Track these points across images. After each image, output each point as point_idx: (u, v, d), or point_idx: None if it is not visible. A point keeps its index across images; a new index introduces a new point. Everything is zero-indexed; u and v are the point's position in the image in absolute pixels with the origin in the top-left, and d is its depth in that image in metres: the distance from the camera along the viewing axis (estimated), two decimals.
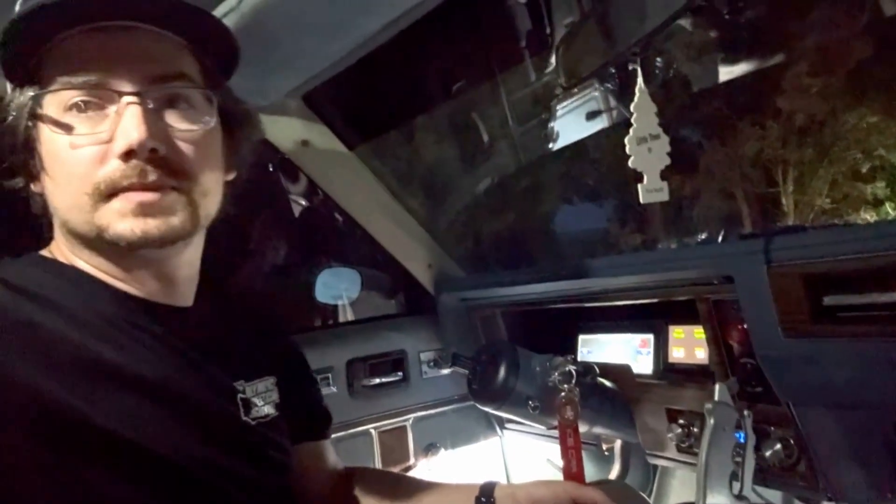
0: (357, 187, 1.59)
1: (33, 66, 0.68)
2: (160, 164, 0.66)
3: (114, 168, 0.65)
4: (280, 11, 0.87)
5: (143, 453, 0.65)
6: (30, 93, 0.67)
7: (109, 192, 0.66)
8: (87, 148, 0.66)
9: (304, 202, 1.93)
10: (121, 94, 0.65)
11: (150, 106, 0.66)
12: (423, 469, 1.64)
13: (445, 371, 1.61)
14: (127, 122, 0.65)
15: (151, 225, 0.66)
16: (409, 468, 1.63)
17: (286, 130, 1.41)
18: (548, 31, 1.74)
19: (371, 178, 1.60)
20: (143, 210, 0.66)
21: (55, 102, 0.66)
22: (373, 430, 1.58)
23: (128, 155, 0.65)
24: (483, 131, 2.05)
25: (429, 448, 1.66)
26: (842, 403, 0.99)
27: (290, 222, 1.97)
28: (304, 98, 1.37)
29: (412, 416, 1.65)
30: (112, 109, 0.66)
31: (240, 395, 0.79)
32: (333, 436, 1.49)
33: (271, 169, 1.84)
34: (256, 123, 0.83)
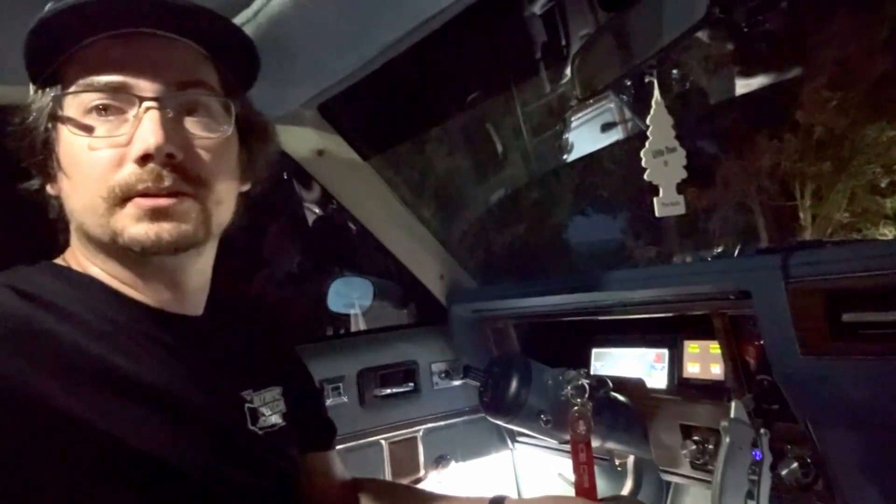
0: (371, 197, 1.60)
1: (56, 68, 0.68)
2: (176, 170, 0.67)
3: (130, 172, 0.66)
4: (297, 23, 0.87)
5: (150, 462, 0.65)
6: (51, 94, 0.68)
7: (124, 196, 0.66)
8: (104, 150, 0.66)
9: (317, 211, 1.93)
10: (141, 98, 0.66)
11: (169, 113, 0.67)
12: (433, 481, 1.63)
13: (457, 382, 1.61)
14: (145, 126, 0.65)
15: (165, 230, 0.66)
16: (418, 480, 1.62)
17: (301, 140, 1.41)
18: (563, 42, 1.74)
19: (385, 189, 1.61)
20: (157, 215, 0.66)
21: (76, 104, 0.67)
22: (383, 441, 1.57)
23: (144, 159, 0.65)
24: (497, 142, 2.05)
25: (439, 460, 1.65)
26: (861, 423, 0.97)
27: (303, 231, 1.97)
28: (319, 108, 1.38)
29: (423, 427, 1.64)
30: (132, 114, 0.66)
31: (247, 405, 0.79)
32: (343, 446, 1.50)
33: (285, 178, 1.85)
34: (273, 135, 0.83)
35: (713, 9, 0.64)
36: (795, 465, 1.06)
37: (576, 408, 1.10)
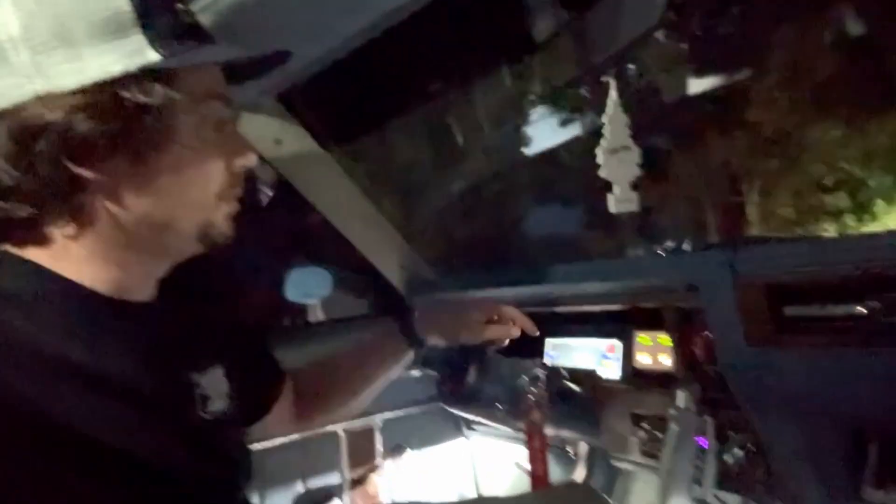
0: (331, 187, 1.59)
1: None
2: None
3: None
4: (258, 11, 0.86)
5: (104, 451, 0.64)
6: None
7: None
8: None
9: (276, 200, 1.91)
10: None
11: None
12: (390, 470, 1.64)
13: (415, 373, 1.62)
14: None
15: None
16: (375, 469, 1.63)
17: (259, 129, 1.40)
18: (525, 36, 1.76)
19: (345, 179, 1.60)
20: None
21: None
22: (340, 432, 1.58)
23: None
24: (458, 134, 2.05)
25: (395, 449, 1.66)
26: (800, 411, 1.02)
27: (260, 219, 1.95)
28: (278, 97, 1.36)
29: (380, 417, 1.65)
30: None
31: (198, 391, 0.79)
32: (300, 436, 1.50)
33: None
34: None
35: (668, 13, 0.66)
36: (739, 451, 1.12)
37: (531, 397, 1.13)
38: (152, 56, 0.61)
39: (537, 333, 1.12)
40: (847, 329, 0.88)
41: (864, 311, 0.86)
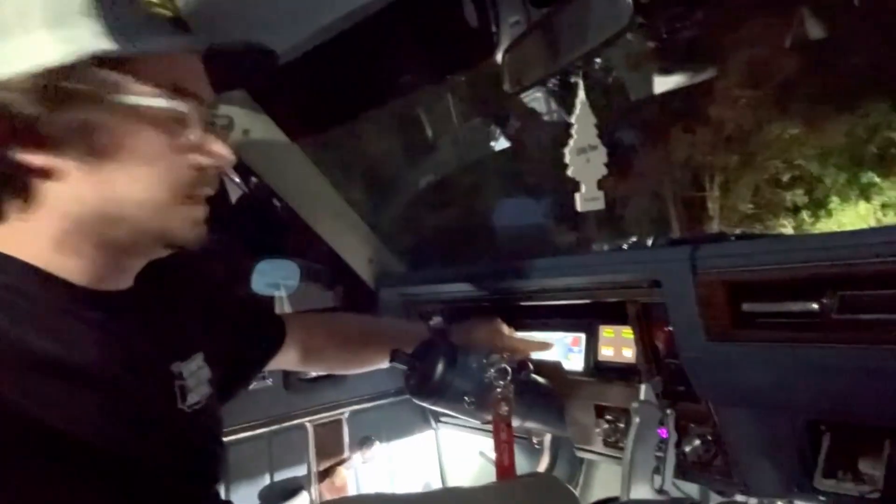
0: (299, 179, 1.58)
1: None
2: None
3: None
4: (226, 2, 0.85)
5: (78, 446, 0.63)
6: None
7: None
8: None
9: (244, 191, 1.88)
10: None
11: None
12: (358, 462, 1.65)
13: (384, 365, 1.62)
14: None
15: None
16: (343, 461, 1.63)
17: None
18: (494, 29, 1.76)
19: (313, 171, 1.59)
20: None
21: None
22: (308, 424, 1.58)
23: None
24: (427, 127, 2.06)
25: (364, 441, 1.67)
26: (756, 404, 1.06)
27: (227, 210, 1.92)
28: (246, 87, 1.35)
29: (348, 409, 1.66)
30: None
31: (177, 382, 0.78)
32: (267, 429, 1.50)
33: None
34: None
35: (636, 17, 0.68)
36: (698, 442, 1.15)
37: (498, 390, 1.14)
38: (108, 45, 0.60)
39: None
40: (802, 325, 0.92)
41: (818, 307, 0.89)
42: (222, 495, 0.97)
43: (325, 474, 1.60)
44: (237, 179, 1.78)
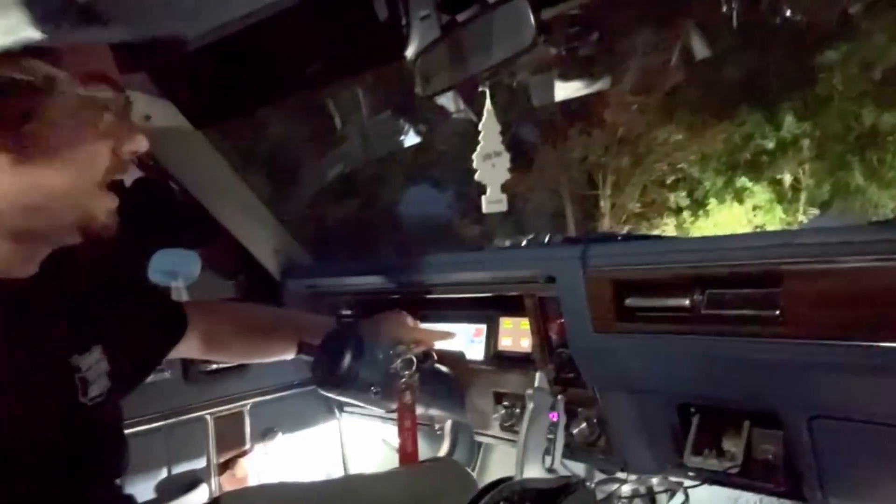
0: (201, 167, 1.54)
1: None
2: None
3: None
4: None
5: None
6: None
7: None
8: None
9: (141, 177, 1.81)
10: None
11: None
12: (260, 453, 1.64)
13: (288, 357, 1.63)
14: None
15: None
16: (244, 453, 1.62)
17: None
18: (403, 22, 1.79)
19: (218, 159, 1.56)
20: None
21: None
22: (208, 417, 1.56)
23: None
24: (336, 118, 2.05)
25: (266, 433, 1.66)
26: (636, 388, 1.17)
27: (122, 196, 1.83)
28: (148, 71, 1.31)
29: (250, 401, 1.64)
30: None
31: (77, 375, 0.77)
32: (164, 422, 1.47)
33: None
34: None
35: (539, 37, 0.74)
36: (584, 424, 1.26)
37: (403, 380, 1.19)
38: (32, 34, 0.59)
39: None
40: (676, 318, 1.02)
41: (689, 303, 1.00)
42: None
43: (225, 466, 1.58)
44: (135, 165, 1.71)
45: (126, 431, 1.22)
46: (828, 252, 0.84)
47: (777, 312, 0.89)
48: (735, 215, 11.82)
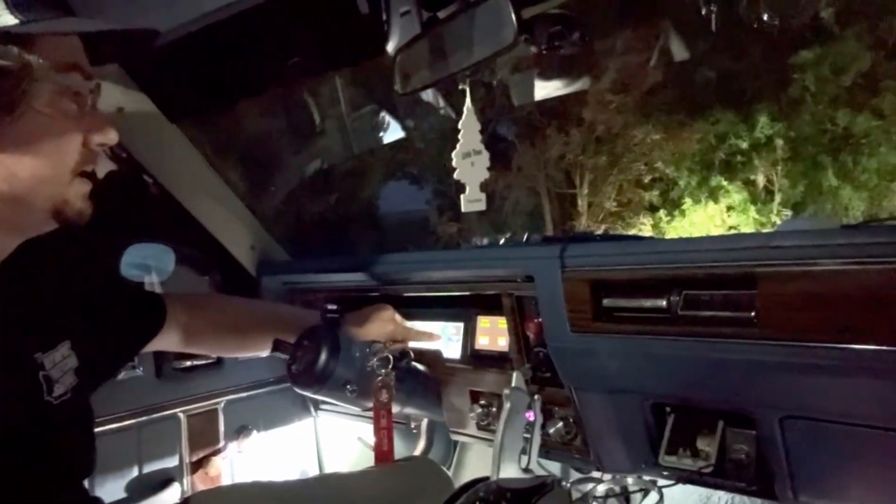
0: (176, 161, 1.52)
1: None
2: None
3: None
4: None
5: None
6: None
7: None
8: None
9: (115, 172, 1.77)
10: None
11: None
12: (234, 451, 1.62)
13: (264, 354, 1.61)
14: None
15: None
16: (218, 451, 1.60)
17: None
18: (384, 17, 1.77)
19: (193, 153, 1.54)
20: None
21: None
22: (181, 414, 1.53)
23: None
24: (315, 114, 2.03)
25: (240, 430, 1.64)
26: (612, 388, 1.17)
27: (95, 187, 1.79)
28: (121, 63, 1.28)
29: (224, 399, 1.62)
30: None
31: (42, 373, 0.75)
32: (136, 420, 1.44)
33: None
34: None
35: (520, 37, 0.74)
36: (560, 424, 1.26)
37: (380, 378, 1.18)
38: (8, 19, 0.60)
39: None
40: (653, 319, 1.03)
41: (666, 304, 1.01)
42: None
43: (198, 465, 1.56)
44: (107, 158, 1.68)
45: (96, 430, 1.19)
46: (802, 255, 0.85)
47: (752, 314, 0.90)
48: (710, 215, 12.00)
